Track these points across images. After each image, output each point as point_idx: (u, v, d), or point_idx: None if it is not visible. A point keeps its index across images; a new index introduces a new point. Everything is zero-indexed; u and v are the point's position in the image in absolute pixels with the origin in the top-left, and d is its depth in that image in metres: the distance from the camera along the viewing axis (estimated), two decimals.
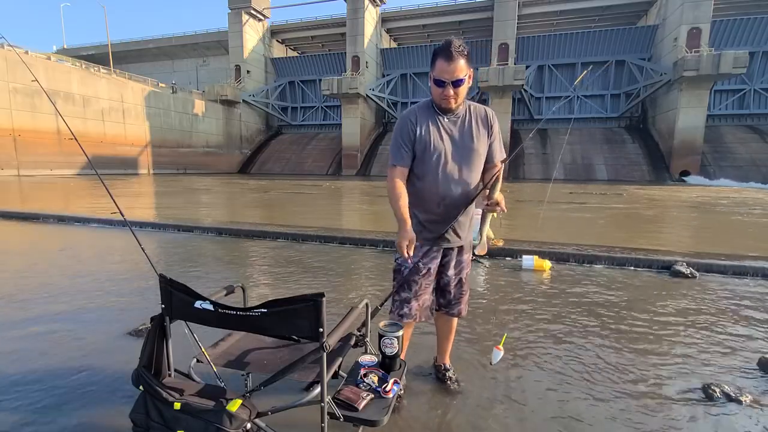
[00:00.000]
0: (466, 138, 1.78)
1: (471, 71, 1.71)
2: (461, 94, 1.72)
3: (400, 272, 1.87)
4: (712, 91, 30.56)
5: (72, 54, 43.83)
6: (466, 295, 1.99)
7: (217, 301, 1.27)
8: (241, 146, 43.00)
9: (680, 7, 29.57)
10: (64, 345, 2.46)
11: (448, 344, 2.15)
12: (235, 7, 40.62)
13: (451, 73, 1.64)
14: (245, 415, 1.22)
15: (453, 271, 1.92)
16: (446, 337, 2.12)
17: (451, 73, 1.64)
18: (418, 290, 1.86)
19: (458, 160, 1.78)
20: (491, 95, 33.85)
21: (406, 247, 1.64)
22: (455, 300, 1.96)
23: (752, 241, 6.68)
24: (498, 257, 4.99)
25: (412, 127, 1.76)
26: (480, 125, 1.80)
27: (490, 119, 1.82)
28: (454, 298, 1.96)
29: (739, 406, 1.91)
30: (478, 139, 1.79)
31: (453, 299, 1.96)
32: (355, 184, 24.03)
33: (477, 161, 1.80)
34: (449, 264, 1.90)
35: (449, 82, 1.65)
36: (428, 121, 1.78)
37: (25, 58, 22.85)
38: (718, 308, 3.29)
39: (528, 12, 37.07)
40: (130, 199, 12.17)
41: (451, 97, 1.69)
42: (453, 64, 1.63)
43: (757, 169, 29.03)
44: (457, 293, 1.95)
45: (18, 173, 23.87)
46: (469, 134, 1.78)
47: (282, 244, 5.69)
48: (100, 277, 3.97)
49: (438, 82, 1.68)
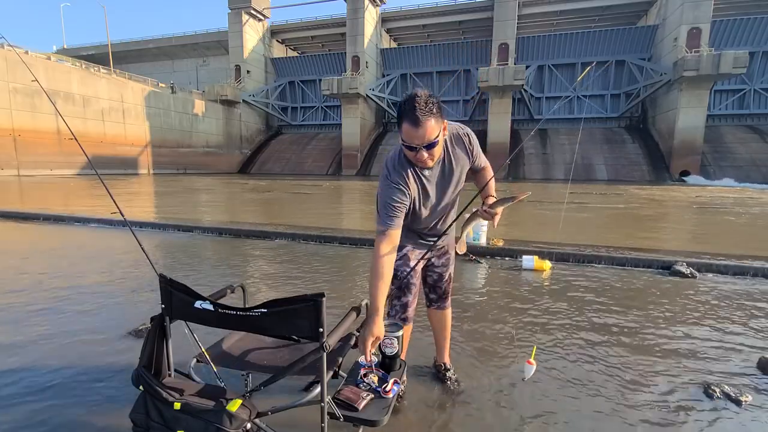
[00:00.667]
0: (447, 175, 1.69)
1: (444, 124, 1.53)
2: (437, 152, 1.56)
3: (398, 276, 1.82)
4: (712, 91, 30.56)
5: (72, 54, 43.83)
6: (450, 289, 2.05)
7: (217, 301, 1.27)
8: (241, 146, 42.99)
9: (680, 7, 29.57)
10: (63, 345, 2.46)
11: (445, 341, 2.14)
12: (235, 7, 40.61)
13: (421, 138, 1.46)
14: (245, 415, 1.22)
15: (441, 268, 1.96)
16: (442, 333, 2.11)
17: (422, 138, 1.46)
18: (416, 291, 1.90)
19: (442, 196, 1.72)
20: (491, 95, 33.86)
21: (370, 345, 1.44)
22: (444, 294, 2.01)
23: (751, 240, 6.68)
24: (498, 257, 4.99)
25: (402, 192, 1.60)
26: (459, 152, 1.69)
27: (467, 144, 1.70)
28: (444, 293, 2.01)
29: (739, 407, 1.91)
30: (459, 167, 1.70)
31: (443, 294, 2.01)
32: (355, 184, 24.03)
33: (460, 184, 1.76)
34: (437, 261, 1.94)
35: (421, 147, 1.49)
36: (413, 179, 1.64)
37: (25, 58, 22.87)
38: (718, 308, 3.29)
39: (528, 12, 37.06)
40: (130, 199, 12.16)
41: (427, 159, 1.54)
42: (421, 128, 1.44)
43: (757, 169, 29.04)
44: (447, 288, 2.01)
45: (18, 173, 23.87)
46: (450, 169, 1.69)
47: (282, 244, 5.69)
48: (100, 277, 3.97)
49: (409, 147, 1.52)
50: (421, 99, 1.43)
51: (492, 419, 1.81)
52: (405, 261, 1.85)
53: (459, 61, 39.79)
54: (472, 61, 39.03)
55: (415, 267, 1.84)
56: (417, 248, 1.86)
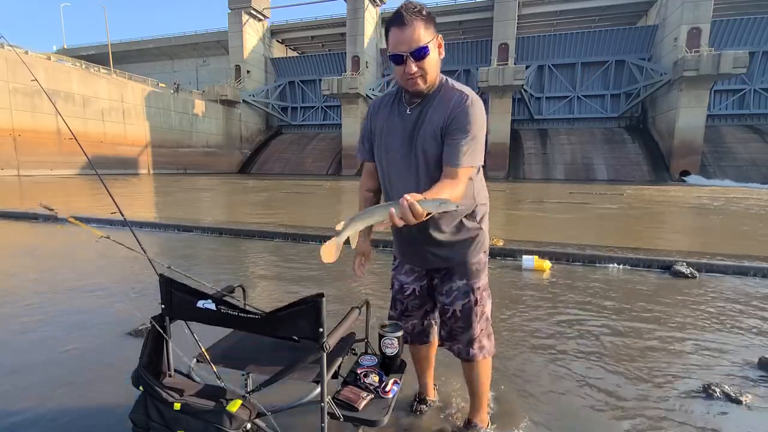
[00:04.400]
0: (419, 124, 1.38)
1: (439, 38, 1.31)
2: (430, 68, 1.30)
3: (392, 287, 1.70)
4: (712, 91, 30.56)
5: (72, 54, 43.82)
6: (469, 334, 1.56)
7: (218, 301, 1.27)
8: (241, 146, 42.98)
9: (680, 7, 29.58)
10: (63, 345, 2.46)
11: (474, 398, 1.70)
12: (235, 7, 40.61)
13: (408, 43, 1.25)
14: (245, 415, 1.22)
15: (443, 297, 1.58)
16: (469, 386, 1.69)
17: (408, 41, 1.25)
18: (404, 311, 1.67)
19: (402, 145, 1.41)
20: (491, 95, 33.84)
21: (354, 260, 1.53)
22: (453, 335, 1.60)
23: (752, 240, 6.67)
24: (498, 257, 4.99)
25: (367, 118, 1.53)
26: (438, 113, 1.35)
27: (451, 108, 1.32)
28: (452, 334, 1.60)
29: (739, 406, 1.91)
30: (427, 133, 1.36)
31: (452, 334, 1.60)
32: (355, 184, 24.00)
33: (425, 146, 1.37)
34: (439, 288, 1.60)
35: (408, 55, 1.26)
36: (386, 107, 1.47)
37: (25, 58, 22.84)
38: (718, 308, 3.29)
39: (528, 12, 37.08)
40: (130, 199, 12.16)
41: (417, 76, 1.30)
42: (408, 29, 1.24)
43: (757, 169, 29.03)
44: (455, 328, 1.58)
45: (18, 173, 23.85)
46: (423, 120, 1.37)
47: (282, 244, 5.69)
48: (100, 277, 3.97)
49: (396, 58, 1.29)
50: (410, 3, 1.27)
51: (493, 419, 1.81)
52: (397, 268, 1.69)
53: (459, 61, 39.79)
54: (472, 61, 39.03)
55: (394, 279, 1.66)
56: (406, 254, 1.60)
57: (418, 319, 1.69)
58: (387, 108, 1.48)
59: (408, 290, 1.64)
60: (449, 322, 1.58)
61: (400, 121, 1.42)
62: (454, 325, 1.58)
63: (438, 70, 1.35)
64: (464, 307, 1.54)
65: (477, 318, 1.55)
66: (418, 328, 1.70)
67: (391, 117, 1.45)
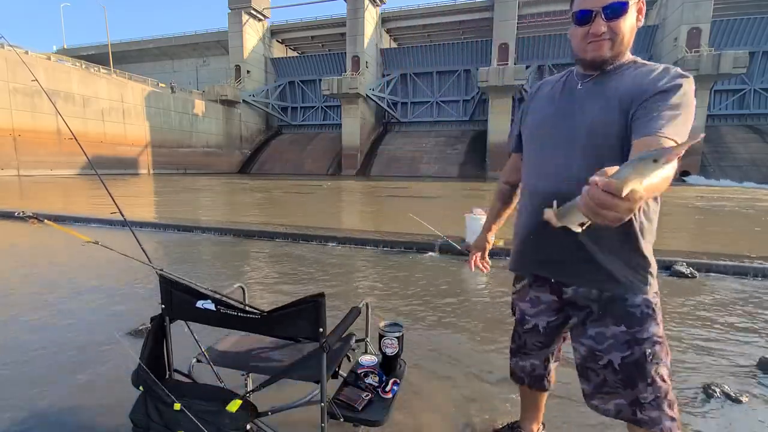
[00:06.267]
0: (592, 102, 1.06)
1: (641, 0, 1.02)
2: (623, 32, 1.00)
3: (512, 313, 1.43)
4: (712, 91, 30.57)
5: (72, 54, 43.84)
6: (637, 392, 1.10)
7: (217, 301, 1.27)
8: (241, 146, 42.99)
9: (680, 7, 29.59)
10: (63, 345, 2.46)
11: None
12: (235, 7, 40.62)
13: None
14: (245, 416, 1.22)
15: (589, 341, 1.14)
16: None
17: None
18: (522, 346, 1.36)
19: (567, 127, 1.09)
20: (491, 95, 33.85)
21: (471, 258, 1.56)
22: (596, 390, 1.16)
23: (752, 240, 6.67)
24: (498, 257, 4.99)
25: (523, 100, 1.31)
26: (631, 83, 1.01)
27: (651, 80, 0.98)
28: (596, 386, 1.16)
29: (739, 406, 1.91)
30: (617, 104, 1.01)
31: (596, 386, 1.16)
32: (355, 184, 24.01)
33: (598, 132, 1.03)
34: (581, 329, 1.17)
35: (599, 11, 0.98)
36: (548, 88, 1.20)
37: (25, 58, 22.86)
38: (718, 308, 3.29)
39: (528, 12, 37.07)
40: (130, 199, 12.16)
41: (603, 36, 1.00)
42: None
43: (757, 169, 29.03)
44: (610, 381, 1.12)
45: (18, 173, 23.86)
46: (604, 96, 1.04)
47: (282, 244, 5.69)
48: (100, 277, 3.97)
49: (581, 16, 1.02)
50: None
51: (492, 419, 1.81)
52: (520, 294, 1.34)
53: (459, 61, 39.79)
54: (472, 61, 39.03)
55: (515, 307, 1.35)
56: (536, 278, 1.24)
57: (543, 360, 1.36)
58: (549, 86, 1.22)
59: (529, 324, 1.30)
60: (597, 369, 1.15)
61: (567, 98, 1.13)
62: (610, 378, 1.14)
63: (631, 40, 1.04)
64: (623, 358, 1.11)
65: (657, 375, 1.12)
66: (539, 371, 1.37)
67: (552, 94, 1.18)
